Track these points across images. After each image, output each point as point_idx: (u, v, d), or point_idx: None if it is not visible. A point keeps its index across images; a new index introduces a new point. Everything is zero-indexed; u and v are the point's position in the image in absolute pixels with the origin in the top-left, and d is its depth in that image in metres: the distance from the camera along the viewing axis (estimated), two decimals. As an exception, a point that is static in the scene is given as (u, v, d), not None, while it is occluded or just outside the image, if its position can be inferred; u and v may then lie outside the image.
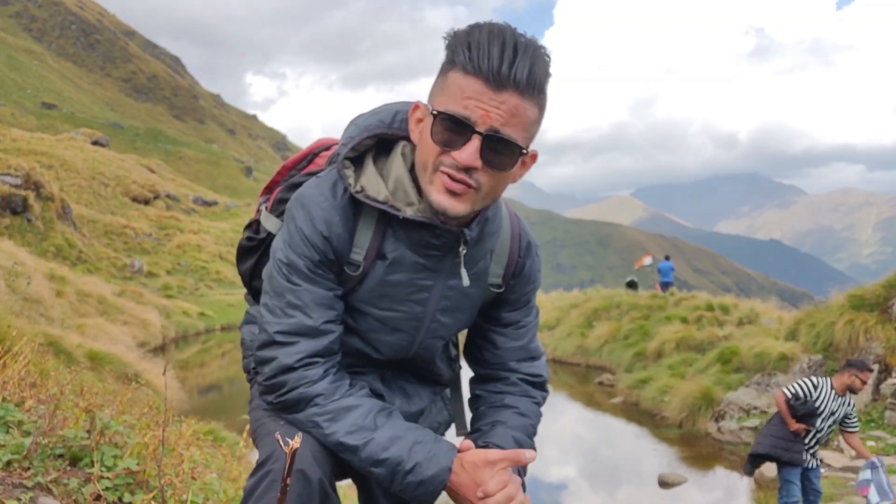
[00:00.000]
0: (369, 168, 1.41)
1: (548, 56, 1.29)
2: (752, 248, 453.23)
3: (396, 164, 1.41)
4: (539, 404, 1.62)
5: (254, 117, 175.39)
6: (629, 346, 17.65)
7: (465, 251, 1.42)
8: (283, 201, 1.59)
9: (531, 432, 1.56)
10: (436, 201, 1.32)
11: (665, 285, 21.93)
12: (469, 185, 1.30)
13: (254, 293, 1.76)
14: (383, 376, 1.58)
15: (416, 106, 1.37)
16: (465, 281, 1.43)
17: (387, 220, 1.41)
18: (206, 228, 43.02)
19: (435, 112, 1.28)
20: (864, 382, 5.77)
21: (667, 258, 24.04)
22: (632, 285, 23.01)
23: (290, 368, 1.38)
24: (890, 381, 10.41)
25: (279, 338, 1.40)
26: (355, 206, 1.41)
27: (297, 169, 1.65)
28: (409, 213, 1.36)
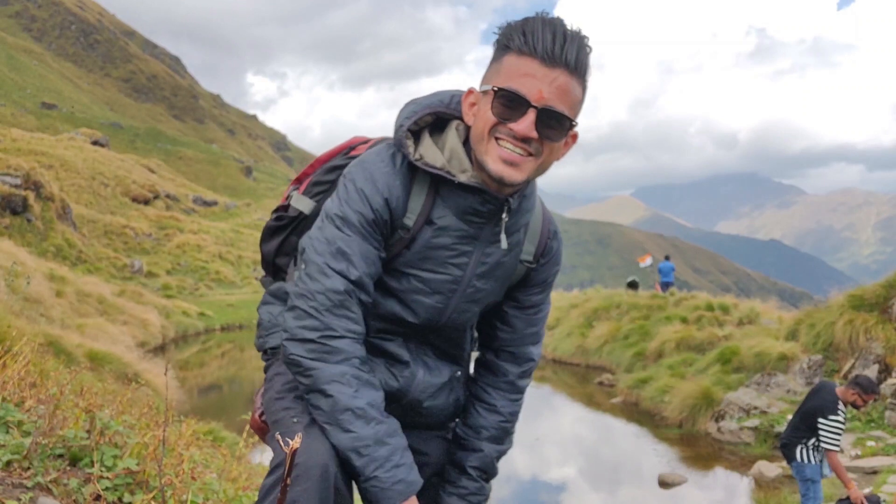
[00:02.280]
0: (426, 140, 1.54)
1: (590, 47, 1.43)
2: (752, 248, 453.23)
3: (451, 137, 1.54)
4: (518, 401, 1.75)
5: (254, 117, 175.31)
6: (629, 346, 17.64)
7: (506, 218, 1.54)
8: (319, 183, 1.72)
9: (504, 432, 1.72)
10: (493, 170, 1.45)
11: (665, 285, 21.93)
12: (529, 153, 1.44)
13: (275, 271, 1.82)
14: (408, 346, 1.64)
15: (470, 91, 1.51)
16: (504, 244, 1.55)
17: (437, 189, 1.52)
18: (206, 228, 42.99)
19: (495, 88, 1.41)
20: (865, 403, 5.75)
21: (667, 258, 24.05)
22: (633, 285, 23.02)
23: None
24: (890, 381, 10.40)
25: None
26: (411, 175, 1.52)
27: (337, 158, 1.77)
28: (463, 178, 1.49)
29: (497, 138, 1.43)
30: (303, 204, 1.72)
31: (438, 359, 1.69)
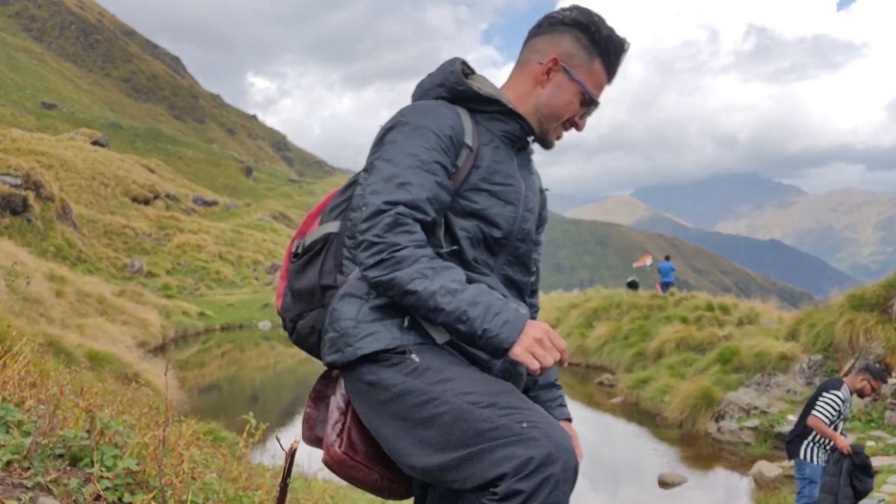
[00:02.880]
0: (478, 77, 1.80)
1: None
2: (752, 248, 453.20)
3: (485, 80, 1.81)
4: None
5: (254, 117, 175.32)
6: (629, 346, 17.64)
7: (531, 145, 1.84)
8: (337, 206, 1.83)
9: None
10: (549, 142, 1.80)
11: (665, 285, 21.93)
12: None
13: (322, 294, 1.78)
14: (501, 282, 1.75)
15: (556, 61, 1.73)
16: (535, 166, 1.87)
17: (474, 118, 1.73)
18: (206, 228, 43.01)
19: (590, 95, 1.75)
20: (874, 390, 5.76)
21: (667, 258, 24.05)
22: (633, 285, 23.01)
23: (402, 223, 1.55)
24: (890, 381, 10.40)
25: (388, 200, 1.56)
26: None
27: (343, 190, 1.87)
28: (510, 106, 1.73)
29: (562, 123, 1.77)
30: (329, 227, 1.80)
31: (515, 297, 1.78)
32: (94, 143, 58.35)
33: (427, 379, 1.51)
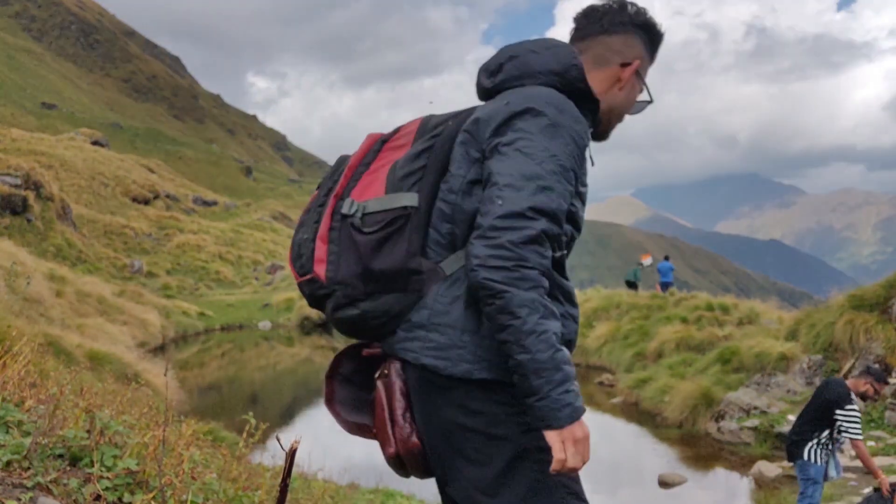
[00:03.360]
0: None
1: None
2: (752, 248, 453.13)
3: None
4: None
5: (254, 117, 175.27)
6: (629, 346, 17.63)
7: None
8: (411, 174, 1.63)
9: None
10: (604, 134, 1.81)
11: (665, 285, 21.94)
12: None
13: (409, 277, 1.60)
14: None
15: (637, 65, 1.75)
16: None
17: None
18: (206, 228, 43.00)
19: (651, 98, 1.81)
20: (877, 392, 5.70)
21: (666, 258, 24.06)
22: (632, 286, 23.03)
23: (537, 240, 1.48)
24: (890, 381, 10.40)
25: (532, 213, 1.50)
26: None
27: (374, 151, 1.73)
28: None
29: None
30: (404, 199, 1.60)
31: None
32: (94, 143, 58.34)
33: (535, 440, 1.50)
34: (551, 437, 1.44)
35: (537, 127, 1.52)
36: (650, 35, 1.77)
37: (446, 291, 1.57)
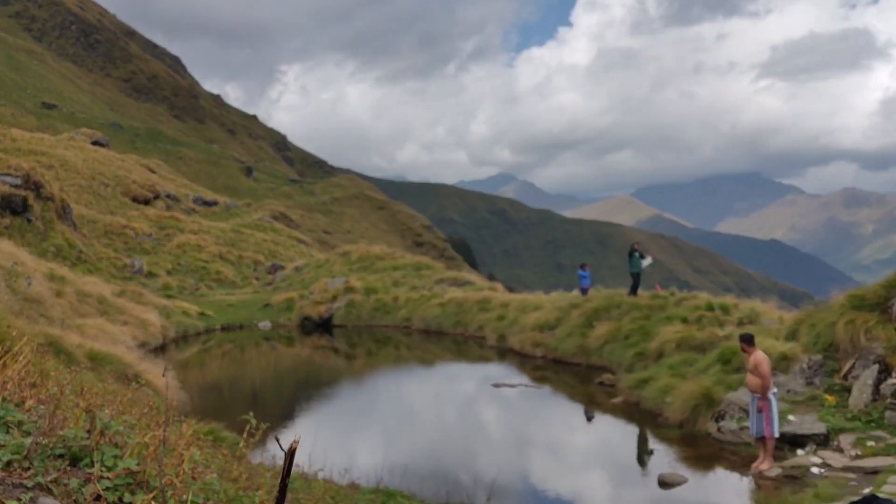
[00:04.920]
0: None
1: None
2: (752, 248, 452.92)
3: None
4: None
5: (254, 117, 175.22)
6: (630, 346, 17.62)
7: None
8: None
9: None
10: None
11: (584, 290, 22.90)
12: None
13: None
14: None
15: None
16: None
17: None
18: (206, 228, 42.99)
19: None
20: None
21: (582, 266, 25.21)
22: (632, 290, 23.16)
23: None
24: (890, 381, 10.39)
25: None
26: None
27: None
28: None
29: None
30: None
31: None
32: (94, 143, 58.35)
33: None
34: None
35: None
36: None
37: None
